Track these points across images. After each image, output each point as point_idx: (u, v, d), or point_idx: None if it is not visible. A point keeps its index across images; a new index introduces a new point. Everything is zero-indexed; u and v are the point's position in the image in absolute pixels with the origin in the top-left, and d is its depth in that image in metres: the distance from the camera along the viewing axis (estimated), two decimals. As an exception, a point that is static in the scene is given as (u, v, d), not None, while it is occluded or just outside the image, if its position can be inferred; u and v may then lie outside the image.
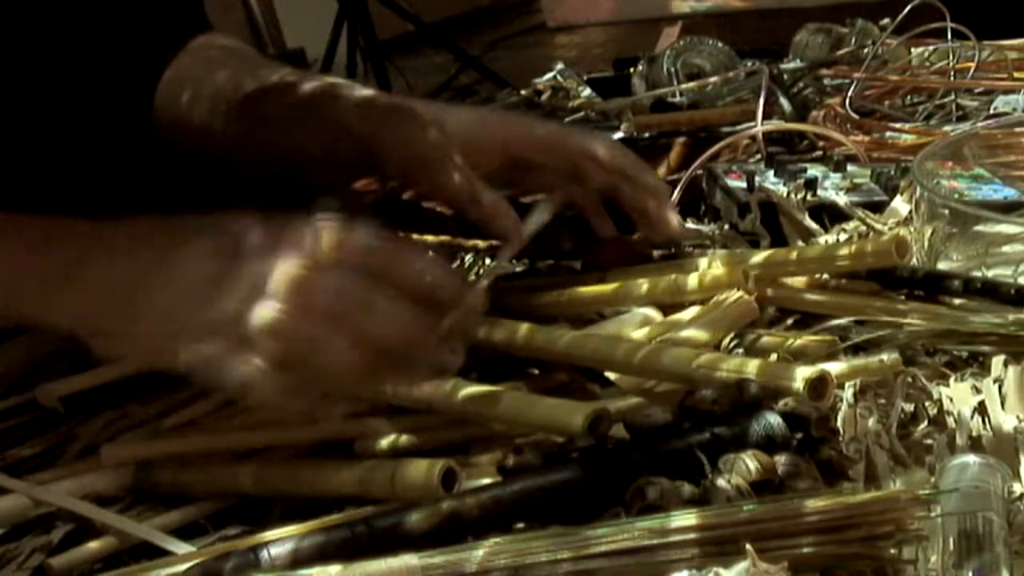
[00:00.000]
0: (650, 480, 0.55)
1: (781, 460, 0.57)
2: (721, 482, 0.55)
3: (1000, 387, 0.64)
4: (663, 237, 0.84)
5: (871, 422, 0.63)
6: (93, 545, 0.61)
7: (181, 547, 0.60)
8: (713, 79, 1.36)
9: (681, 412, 0.61)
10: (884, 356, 0.68)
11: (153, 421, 0.71)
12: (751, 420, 0.59)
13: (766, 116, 1.17)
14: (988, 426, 0.62)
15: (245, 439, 0.67)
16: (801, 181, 0.96)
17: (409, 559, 0.51)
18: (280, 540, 0.55)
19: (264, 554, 0.54)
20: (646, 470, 0.57)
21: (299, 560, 0.54)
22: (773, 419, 0.59)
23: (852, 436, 0.61)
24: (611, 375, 0.70)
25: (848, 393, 0.65)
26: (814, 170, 1.00)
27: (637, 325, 0.76)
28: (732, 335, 0.74)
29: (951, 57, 1.22)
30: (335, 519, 0.58)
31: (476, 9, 5.17)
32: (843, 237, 0.90)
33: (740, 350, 0.73)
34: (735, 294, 0.74)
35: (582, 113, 1.34)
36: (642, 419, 0.61)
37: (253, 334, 0.56)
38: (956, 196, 0.89)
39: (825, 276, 0.81)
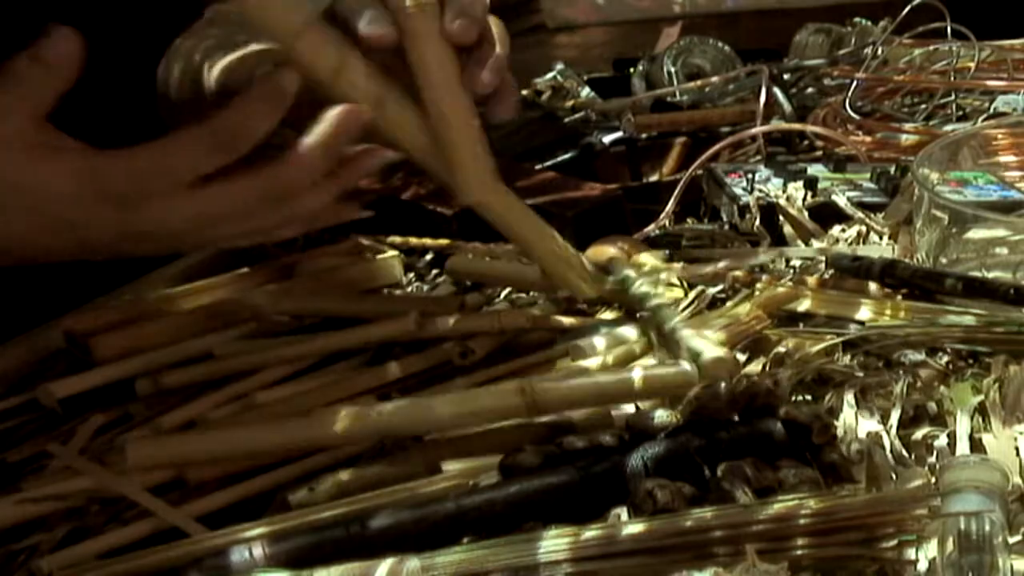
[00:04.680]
0: (657, 483, 0.55)
1: (782, 465, 0.57)
2: (724, 485, 0.55)
3: (1000, 387, 0.64)
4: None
5: (872, 423, 0.63)
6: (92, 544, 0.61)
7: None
8: (713, 79, 1.36)
9: (683, 416, 0.61)
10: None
11: (153, 421, 0.71)
12: (752, 426, 0.59)
13: (766, 116, 1.17)
14: (988, 426, 0.62)
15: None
16: (801, 181, 0.96)
17: (409, 559, 0.51)
18: (277, 538, 0.55)
19: (259, 552, 0.54)
20: (646, 473, 0.57)
21: (295, 559, 0.54)
22: (774, 425, 0.59)
23: (853, 437, 0.61)
24: None
25: (849, 395, 0.65)
26: (814, 170, 1.00)
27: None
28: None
29: (951, 57, 1.22)
30: (332, 517, 0.58)
31: (476, 9, 5.15)
32: (843, 237, 0.90)
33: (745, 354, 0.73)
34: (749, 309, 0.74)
35: (582, 113, 1.34)
36: (644, 421, 0.61)
37: None
38: (956, 196, 0.89)
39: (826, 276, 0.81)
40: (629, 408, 0.66)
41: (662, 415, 0.61)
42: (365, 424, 0.65)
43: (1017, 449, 0.59)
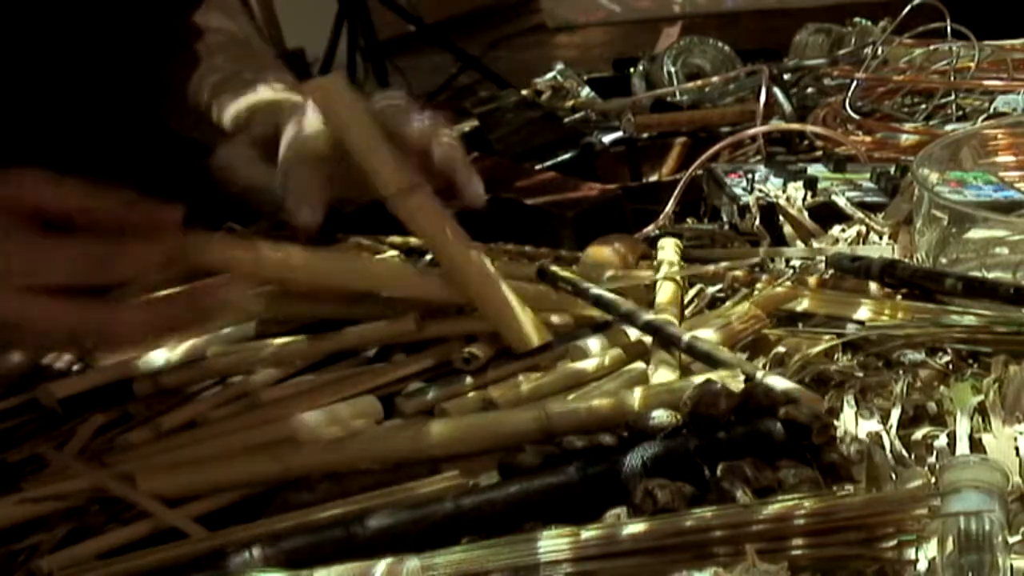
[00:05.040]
0: (657, 483, 0.55)
1: (782, 465, 0.57)
2: (724, 485, 0.55)
3: (1000, 387, 0.64)
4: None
5: (872, 423, 0.63)
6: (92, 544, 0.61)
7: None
8: (713, 79, 1.36)
9: (682, 416, 0.61)
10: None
11: (153, 420, 0.71)
12: (752, 426, 0.59)
13: (766, 116, 1.17)
14: (988, 426, 0.62)
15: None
16: (801, 181, 0.96)
17: (408, 559, 0.51)
18: (276, 539, 0.55)
19: (259, 552, 0.54)
20: (645, 473, 0.57)
21: (294, 559, 0.54)
22: (773, 426, 0.59)
23: (853, 437, 0.61)
24: None
25: (849, 395, 0.65)
26: (814, 170, 1.00)
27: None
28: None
29: (951, 57, 1.22)
30: (332, 516, 0.58)
31: (476, 9, 5.16)
32: (843, 237, 0.90)
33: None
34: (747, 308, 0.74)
35: (582, 113, 1.34)
36: (644, 421, 0.61)
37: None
38: (956, 196, 0.89)
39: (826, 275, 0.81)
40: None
41: (661, 415, 0.61)
42: (376, 448, 0.65)
43: (1017, 449, 0.59)
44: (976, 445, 0.60)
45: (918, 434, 0.62)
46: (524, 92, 1.47)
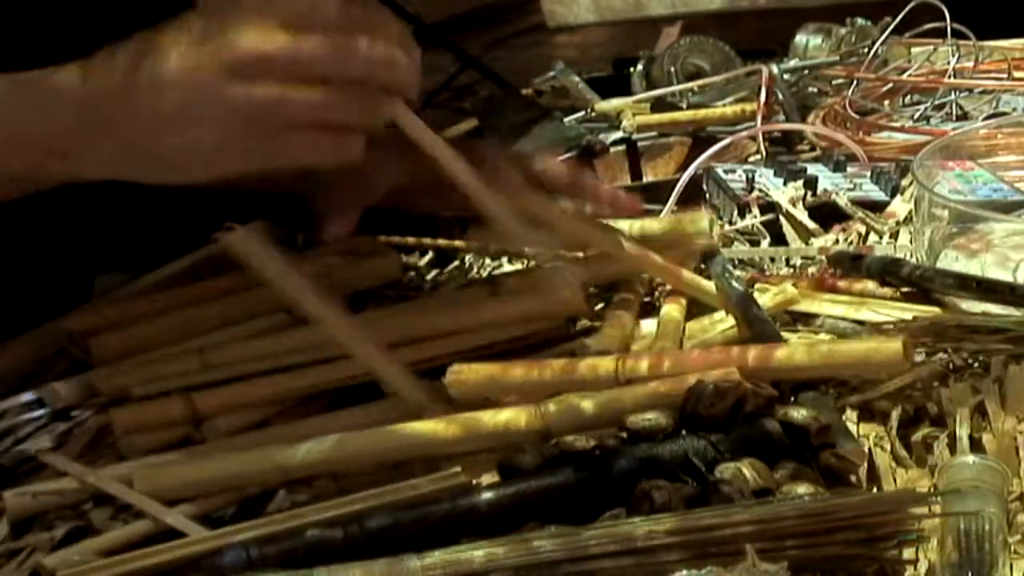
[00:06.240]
0: (654, 484, 0.55)
1: (781, 466, 0.57)
2: (722, 487, 0.55)
3: (1000, 387, 0.64)
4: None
5: (872, 423, 0.63)
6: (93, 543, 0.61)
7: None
8: (713, 79, 1.36)
9: (681, 418, 0.61)
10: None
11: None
12: (750, 427, 0.59)
13: (766, 116, 1.17)
14: (988, 426, 0.62)
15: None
16: (801, 181, 0.96)
17: (409, 559, 0.51)
18: (276, 539, 0.55)
19: (257, 553, 0.54)
20: (644, 474, 0.57)
21: (293, 559, 0.54)
22: (771, 426, 0.59)
23: (853, 438, 0.61)
24: None
25: (850, 396, 0.65)
26: (814, 170, 1.00)
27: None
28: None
29: (951, 57, 1.22)
30: (329, 517, 0.58)
31: (476, 9, 5.15)
32: (842, 237, 0.90)
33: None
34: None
35: (582, 113, 1.34)
36: (642, 423, 0.60)
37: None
38: (956, 196, 0.89)
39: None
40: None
41: (659, 416, 0.60)
42: (376, 448, 0.65)
43: (1017, 449, 0.59)
44: (976, 445, 0.60)
45: (918, 434, 0.62)
46: (524, 92, 1.47)
